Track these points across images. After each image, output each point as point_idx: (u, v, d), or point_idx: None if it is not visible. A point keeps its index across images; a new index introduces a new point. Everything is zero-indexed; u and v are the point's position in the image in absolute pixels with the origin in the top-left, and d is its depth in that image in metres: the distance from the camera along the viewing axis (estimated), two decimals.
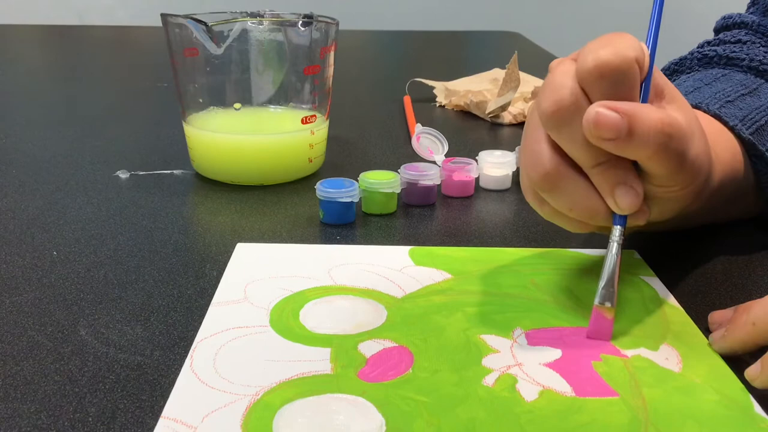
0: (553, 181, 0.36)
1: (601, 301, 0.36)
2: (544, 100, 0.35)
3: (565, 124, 0.34)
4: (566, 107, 0.34)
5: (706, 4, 1.42)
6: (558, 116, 0.34)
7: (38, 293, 0.41)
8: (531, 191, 0.39)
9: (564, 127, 0.35)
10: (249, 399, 0.31)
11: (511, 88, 0.79)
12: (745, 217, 0.51)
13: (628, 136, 0.33)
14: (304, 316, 0.38)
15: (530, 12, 2.11)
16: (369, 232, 0.50)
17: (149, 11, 1.16)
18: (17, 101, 0.93)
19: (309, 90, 0.60)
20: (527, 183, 0.38)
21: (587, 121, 0.33)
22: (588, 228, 0.39)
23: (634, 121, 0.33)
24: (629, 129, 0.33)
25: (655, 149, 0.34)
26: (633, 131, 0.33)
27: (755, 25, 0.55)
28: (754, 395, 0.33)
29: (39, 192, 0.56)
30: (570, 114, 0.34)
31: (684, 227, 0.49)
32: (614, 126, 0.33)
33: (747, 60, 0.52)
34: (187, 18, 0.54)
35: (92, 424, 0.30)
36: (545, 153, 0.36)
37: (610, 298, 0.36)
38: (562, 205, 0.37)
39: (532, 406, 0.32)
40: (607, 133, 0.33)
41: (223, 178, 0.59)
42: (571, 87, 0.34)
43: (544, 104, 0.35)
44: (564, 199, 0.37)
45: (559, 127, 0.35)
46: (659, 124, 0.33)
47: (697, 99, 0.49)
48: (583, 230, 0.39)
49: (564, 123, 0.34)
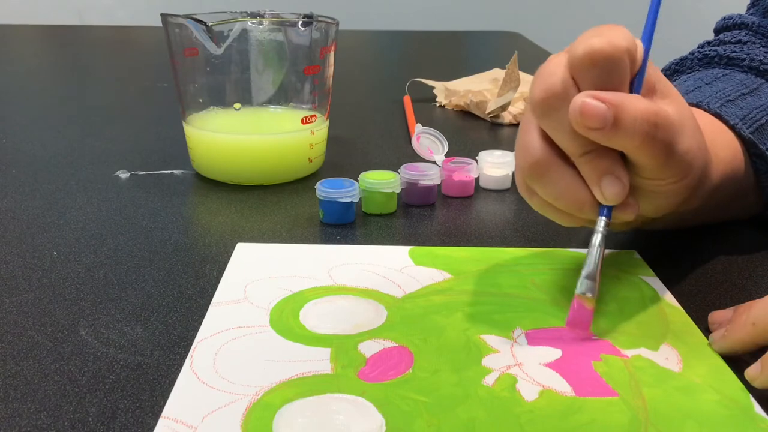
0: (541, 170, 0.36)
1: (582, 291, 0.36)
2: (534, 88, 0.35)
3: (554, 111, 0.35)
4: (555, 95, 0.34)
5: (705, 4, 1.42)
6: (547, 104, 0.35)
7: (38, 293, 0.41)
8: (522, 181, 0.39)
9: (552, 114, 0.35)
10: (249, 399, 0.31)
11: (511, 88, 0.79)
12: (744, 217, 0.51)
13: (614, 126, 0.33)
14: (304, 316, 0.38)
15: (530, 12, 2.11)
16: (369, 232, 0.50)
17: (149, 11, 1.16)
18: (17, 101, 0.93)
19: (309, 90, 0.60)
20: (518, 173, 0.39)
21: (573, 110, 0.33)
22: (577, 221, 0.39)
23: (619, 111, 0.33)
24: (615, 119, 0.33)
25: (641, 139, 0.34)
26: (619, 121, 0.33)
27: (755, 26, 0.55)
28: (754, 395, 0.33)
29: (39, 192, 0.56)
30: (558, 102, 0.34)
31: (684, 226, 0.49)
32: (600, 116, 0.33)
33: (747, 60, 0.52)
34: (187, 18, 0.54)
35: (92, 424, 0.30)
36: (535, 142, 0.36)
37: (592, 288, 0.36)
38: (549, 195, 0.37)
39: (532, 406, 0.32)
40: (592, 123, 0.33)
41: (223, 178, 0.59)
42: (561, 75, 0.35)
43: (534, 92, 0.35)
44: (551, 189, 0.37)
45: (547, 114, 0.35)
46: (645, 113, 0.34)
47: (697, 98, 0.49)
48: (572, 223, 0.39)
49: (552, 110, 0.35)
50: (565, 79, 0.34)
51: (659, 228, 0.46)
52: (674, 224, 0.46)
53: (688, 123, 0.37)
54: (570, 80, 0.35)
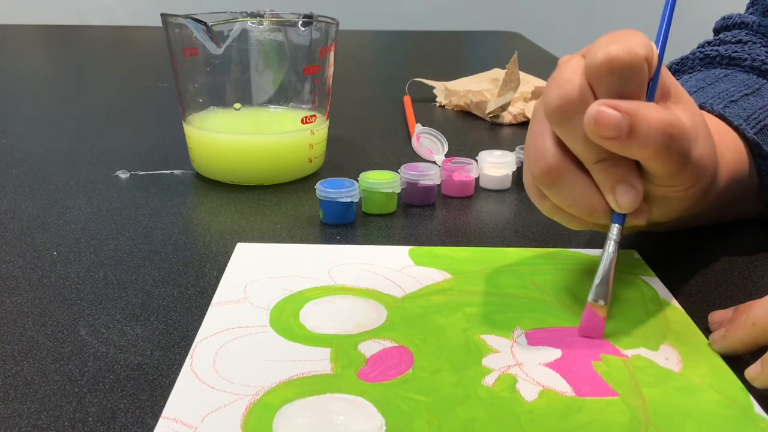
0: (555, 176, 0.36)
1: (594, 299, 0.36)
2: (550, 94, 0.35)
3: (570, 119, 0.34)
4: (572, 102, 0.34)
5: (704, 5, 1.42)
6: (563, 111, 0.34)
7: (38, 293, 0.41)
8: (532, 186, 0.38)
9: (568, 122, 0.34)
10: (249, 399, 0.31)
11: (511, 88, 0.79)
12: (746, 217, 0.51)
13: (629, 135, 0.33)
14: (304, 316, 0.38)
15: (530, 12, 2.11)
16: (369, 232, 0.50)
17: (149, 11, 1.16)
18: (17, 101, 0.93)
19: (309, 90, 0.60)
20: (529, 177, 0.38)
21: (588, 119, 0.33)
22: (587, 225, 0.39)
23: (635, 121, 0.33)
24: (630, 128, 0.33)
25: (656, 149, 0.34)
26: (634, 130, 0.33)
27: (755, 25, 0.55)
28: (754, 395, 0.33)
29: (39, 192, 0.56)
30: (574, 109, 0.34)
31: (689, 227, 0.49)
32: (615, 125, 0.33)
33: (749, 60, 0.52)
34: (187, 18, 0.54)
35: (92, 424, 0.30)
36: (548, 148, 0.36)
37: (604, 296, 0.36)
38: (562, 201, 0.37)
39: (532, 406, 0.32)
40: (607, 132, 0.33)
41: (223, 178, 0.59)
42: (578, 82, 0.34)
43: (550, 98, 0.35)
44: (564, 195, 0.36)
45: (563, 121, 0.35)
46: (661, 124, 0.33)
47: (701, 99, 0.49)
48: (582, 227, 0.39)
49: (568, 118, 0.34)
50: (582, 86, 0.34)
51: (662, 230, 0.46)
52: (680, 226, 0.46)
53: (702, 130, 0.37)
54: (587, 87, 0.34)
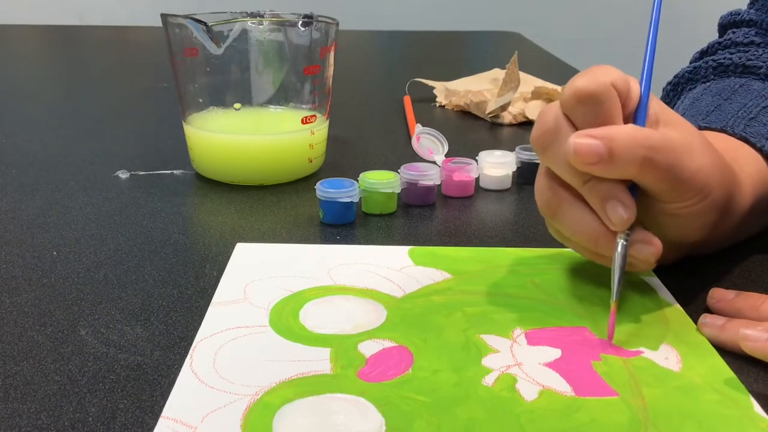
0: (553, 207, 0.39)
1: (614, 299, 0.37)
2: (533, 130, 0.38)
3: (549, 147, 0.37)
4: (548, 132, 0.37)
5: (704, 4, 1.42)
6: (542, 141, 0.37)
7: (38, 293, 0.41)
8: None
9: (548, 150, 0.37)
10: (249, 399, 0.32)
11: (511, 88, 0.79)
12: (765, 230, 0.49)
13: (610, 157, 0.35)
14: (303, 316, 0.38)
15: (530, 12, 2.11)
16: (369, 232, 0.50)
17: (149, 11, 1.16)
18: (17, 101, 0.93)
19: (309, 90, 0.60)
20: None
21: (568, 151, 0.35)
22: (596, 258, 0.40)
23: (610, 142, 0.35)
24: (609, 150, 0.35)
25: (639, 164, 0.35)
26: (613, 152, 0.35)
27: (765, 23, 0.55)
28: (754, 395, 0.33)
29: (39, 192, 0.56)
30: (552, 137, 0.37)
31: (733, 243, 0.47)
32: (593, 152, 0.35)
33: (764, 68, 0.52)
34: (187, 18, 0.54)
35: (92, 424, 0.30)
36: (544, 181, 0.39)
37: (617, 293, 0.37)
38: (566, 231, 0.39)
39: (532, 405, 0.32)
40: (588, 158, 0.35)
41: (223, 178, 0.59)
42: (554, 114, 0.37)
43: (533, 132, 0.38)
44: (566, 224, 0.39)
45: (545, 151, 0.37)
46: (636, 139, 0.35)
47: (720, 122, 0.49)
48: (593, 258, 0.40)
49: (548, 146, 0.37)
50: (557, 117, 0.37)
51: (708, 252, 0.46)
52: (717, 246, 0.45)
53: (696, 142, 0.38)
54: (562, 118, 0.37)
